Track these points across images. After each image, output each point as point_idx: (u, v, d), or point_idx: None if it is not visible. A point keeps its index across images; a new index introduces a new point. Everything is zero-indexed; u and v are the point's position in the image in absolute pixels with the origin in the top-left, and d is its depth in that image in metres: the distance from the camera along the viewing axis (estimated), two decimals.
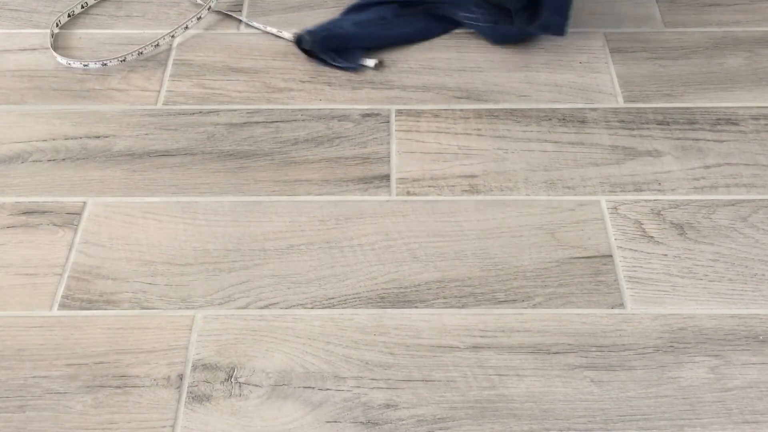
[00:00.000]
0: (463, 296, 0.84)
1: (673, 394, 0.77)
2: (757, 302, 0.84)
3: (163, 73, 1.08)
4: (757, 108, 1.04)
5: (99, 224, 0.90)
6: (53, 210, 0.92)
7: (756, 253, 0.88)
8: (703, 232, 0.90)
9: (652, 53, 1.11)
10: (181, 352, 0.80)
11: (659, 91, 1.06)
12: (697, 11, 1.18)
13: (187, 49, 1.12)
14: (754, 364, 0.79)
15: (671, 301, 0.84)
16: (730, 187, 0.94)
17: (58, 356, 0.79)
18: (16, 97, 1.05)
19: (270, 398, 0.76)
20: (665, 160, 0.97)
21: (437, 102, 1.04)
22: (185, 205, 0.93)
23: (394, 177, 0.96)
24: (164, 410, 0.75)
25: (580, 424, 0.74)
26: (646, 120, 1.02)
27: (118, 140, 1.00)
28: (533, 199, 0.93)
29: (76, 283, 0.85)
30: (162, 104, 1.04)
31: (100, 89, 1.06)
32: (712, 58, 1.10)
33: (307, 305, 0.84)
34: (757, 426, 0.74)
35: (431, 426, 0.74)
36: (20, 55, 1.11)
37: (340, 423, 0.75)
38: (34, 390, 0.77)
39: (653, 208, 0.92)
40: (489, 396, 0.76)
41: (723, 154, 0.98)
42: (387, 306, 0.83)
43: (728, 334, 0.81)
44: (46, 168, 0.96)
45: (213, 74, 1.08)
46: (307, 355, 0.80)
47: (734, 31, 1.15)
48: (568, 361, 0.79)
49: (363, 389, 0.77)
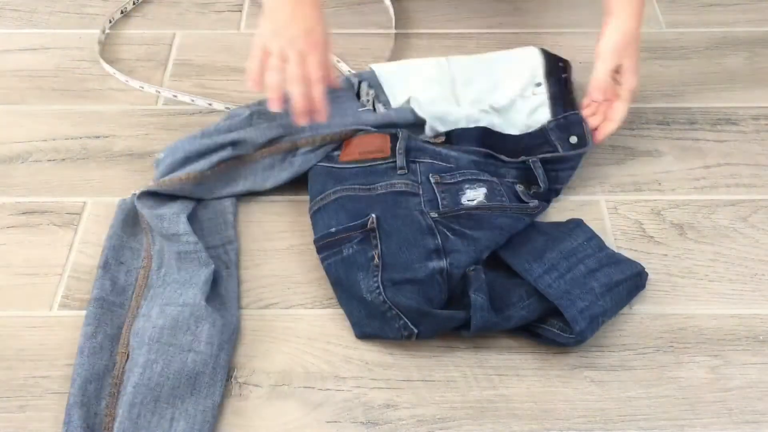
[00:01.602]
0: None
1: (673, 394, 0.76)
2: (757, 302, 0.84)
3: (163, 73, 1.08)
4: (757, 108, 1.04)
5: (99, 224, 0.90)
6: (53, 210, 0.92)
7: (756, 253, 0.88)
8: (703, 232, 0.90)
9: (652, 53, 1.11)
10: None
11: (659, 91, 1.06)
12: (697, 11, 1.18)
13: (187, 49, 1.12)
14: (754, 364, 0.79)
15: (671, 301, 0.84)
16: (730, 187, 0.94)
17: (58, 356, 0.79)
18: (16, 97, 1.05)
19: (270, 398, 0.76)
20: (665, 160, 0.97)
21: None
22: None
23: None
24: None
25: (580, 424, 0.74)
26: (646, 120, 1.02)
27: (118, 140, 1.00)
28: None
29: (76, 283, 0.85)
30: (162, 104, 1.04)
31: (100, 89, 1.06)
32: (712, 58, 1.10)
33: (307, 305, 0.83)
34: (757, 426, 0.74)
35: (431, 426, 0.74)
36: (20, 55, 1.11)
37: (340, 423, 0.75)
38: (34, 390, 0.77)
39: (653, 208, 0.92)
40: (489, 396, 0.76)
41: (723, 154, 0.98)
42: None
43: (728, 334, 0.81)
44: (46, 168, 0.96)
45: (213, 74, 1.08)
46: (307, 355, 0.80)
47: (734, 31, 1.15)
48: (568, 361, 0.79)
49: (363, 389, 0.77)
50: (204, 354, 0.75)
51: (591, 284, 0.78)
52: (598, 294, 0.78)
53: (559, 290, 0.78)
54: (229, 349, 0.77)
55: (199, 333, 0.76)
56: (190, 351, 0.75)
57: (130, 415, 0.71)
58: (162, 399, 0.72)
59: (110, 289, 0.81)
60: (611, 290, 0.79)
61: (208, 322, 0.77)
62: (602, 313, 0.77)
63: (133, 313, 0.79)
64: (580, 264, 0.80)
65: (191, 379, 0.74)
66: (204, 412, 0.73)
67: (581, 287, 0.78)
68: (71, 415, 0.72)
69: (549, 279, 0.79)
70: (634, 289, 0.82)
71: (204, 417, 0.72)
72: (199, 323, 0.77)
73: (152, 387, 0.72)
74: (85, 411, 0.72)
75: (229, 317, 0.79)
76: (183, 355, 0.75)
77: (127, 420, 0.71)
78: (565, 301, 0.77)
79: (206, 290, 0.79)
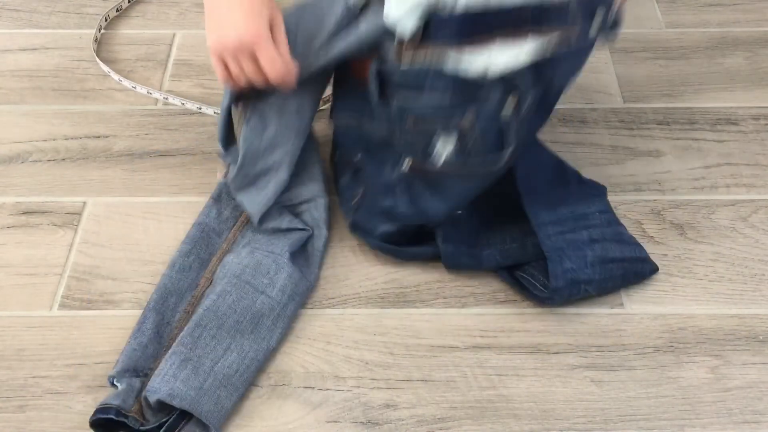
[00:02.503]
0: (463, 296, 0.84)
1: (673, 394, 0.76)
2: (757, 302, 0.84)
3: (163, 73, 1.08)
4: (757, 108, 1.04)
5: (99, 224, 0.90)
6: (53, 210, 0.92)
7: (756, 253, 0.88)
8: (703, 232, 0.90)
9: (652, 53, 1.11)
10: None
11: (659, 91, 1.06)
12: (697, 11, 1.18)
13: (187, 49, 1.12)
14: (754, 364, 0.79)
15: (671, 301, 0.84)
16: (730, 187, 0.94)
17: (58, 356, 0.79)
18: (16, 97, 1.05)
19: (270, 398, 0.76)
20: (665, 160, 0.97)
21: None
22: (185, 205, 0.92)
23: None
24: None
25: (580, 424, 0.74)
26: (646, 120, 1.02)
27: (118, 140, 1.00)
28: None
29: (76, 283, 0.85)
30: (162, 104, 1.04)
31: (100, 89, 1.06)
32: (712, 58, 1.10)
33: (307, 305, 0.83)
34: (757, 426, 0.74)
35: (431, 426, 0.74)
36: (20, 55, 1.11)
37: (340, 423, 0.75)
38: (34, 390, 0.77)
39: (653, 208, 0.92)
40: (489, 396, 0.76)
41: (723, 154, 0.98)
42: (387, 306, 0.83)
43: (728, 334, 0.81)
44: (46, 168, 0.96)
45: (213, 74, 1.08)
46: (307, 355, 0.80)
47: (734, 31, 1.15)
48: (568, 361, 0.79)
49: (363, 389, 0.77)
50: (273, 300, 0.80)
51: (585, 251, 0.80)
52: (588, 262, 0.79)
53: (555, 245, 0.79)
54: (298, 302, 0.82)
55: (275, 280, 0.81)
56: (262, 293, 0.80)
57: (193, 333, 0.77)
58: (224, 328, 0.78)
59: (215, 218, 0.88)
60: (603, 264, 0.80)
61: (287, 272, 0.82)
62: (586, 282, 0.79)
63: (228, 245, 0.86)
64: (585, 230, 0.82)
65: (255, 319, 0.79)
66: (256, 352, 0.77)
67: (575, 251, 0.80)
68: (146, 317, 0.79)
69: (551, 230, 0.80)
70: (631, 273, 0.83)
71: (255, 356, 0.77)
72: (279, 271, 0.81)
73: (219, 315, 0.78)
74: (159, 318, 0.80)
75: (308, 274, 0.84)
76: (255, 295, 0.80)
77: (189, 337, 0.76)
78: (555, 256, 0.79)
79: (295, 246, 0.84)
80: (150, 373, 0.76)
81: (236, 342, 0.77)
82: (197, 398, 0.73)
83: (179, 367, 0.74)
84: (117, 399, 0.73)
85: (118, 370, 0.75)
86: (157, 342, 0.78)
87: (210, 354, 0.76)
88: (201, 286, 0.83)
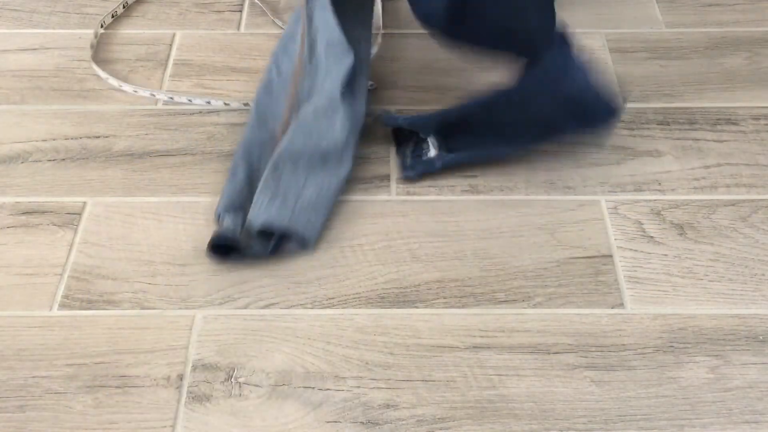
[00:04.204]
0: (463, 296, 0.84)
1: (673, 394, 0.77)
2: (757, 302, 0.84)
3: (163, 73, 1.08)
4: (757, 108, 1.04)
5: (99, 224, 0.90)
6: (53, 210, 0.92)
7: (756, 253, 0.88)
8: (703, 232, 0.90)
9: (652, 53, 1.11)
10: (181, 352, 0.80)
11: (659, 91, 1.06)
12: (697, 11, 1.18)
13: (187, 49, 1.12)
14: (754, 364, 0.79)
15: (671, 301, 0.84)
16: (730, 187, 0.94)
17: (58, 356, 0.79)
18: (16, 97, 1.05)
19: (270, 398, 0.76)
20: (665, 160, 0.97)
21: (437, 102, 1.04)
22: (185, 205, 0.93)
23: (394, 177, 0.96)
24: (164, 410, 0.75)
25: (580, 424, 0.74)
26: (646, 120, 1.02)
27: (118, 140, 1.00)
28: (533, 199, 0.93)
29: (76, 283, 0.85)
30: (162, 104, 1.04)
31: (100, 89, 1.06)
32: (712, 58, 1.11)
33: (307, 305, 0.84)
34: (757, 426, 0.74)
35: (431, 426, 0.74)
36: (20, 55, 1.11)
37: (340, 423, 0.75)
38: (34, 390, 0.77)
39: (653, 208, 0.92)
40: (489, 396, 0.76)
41: (723, 154, 0.98)
42: (387, 306, 0.83)
43: (728, 334, 0.81)
44: (46, 168, 0.96)
45: (213, 74, 1.08)
46: (307, 355, 0.80)
47: (734, 31, 1.15)
48: (568, 361, 0.79)
49: (363, 389, 0.77)
50: (336, 138, 0.92)
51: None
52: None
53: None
54: (355, 134, 0.95)
55: (334, 120, 0.93)
56: (327, 132, 0.92)
57: (273, 174, 0.90)
58: (300, 166, 0.91)
59: (276, 74, 1.01)
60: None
61: (341, 111, 0.93)
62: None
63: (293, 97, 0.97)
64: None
65: (324, 156, 0.91)
66: (330, 183, 0.91)
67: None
68: (237, 165, 0.93)
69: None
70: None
71: (329, 186, 0.91)
72: (335, 113, 0.93)
73: (293, 154, 0.91)
74: (248, 166, 0.93)
75: (357, 108, 0.96)
76: (320, 135, 0.92)
77: (271, 178, 0.90)
78: None
79: (345, 81, 0.94)
80: (248, 209, 0.88)
81: (311, 177, 0.90)
82: (292, 221, 0.87)
83: (270, 202, 0.88)
84: (228, 231, 0.86)
85: (222, 207, 0.89)
86: (249, 186, 0.91)
87: (293, 188, 0.89)
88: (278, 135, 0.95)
